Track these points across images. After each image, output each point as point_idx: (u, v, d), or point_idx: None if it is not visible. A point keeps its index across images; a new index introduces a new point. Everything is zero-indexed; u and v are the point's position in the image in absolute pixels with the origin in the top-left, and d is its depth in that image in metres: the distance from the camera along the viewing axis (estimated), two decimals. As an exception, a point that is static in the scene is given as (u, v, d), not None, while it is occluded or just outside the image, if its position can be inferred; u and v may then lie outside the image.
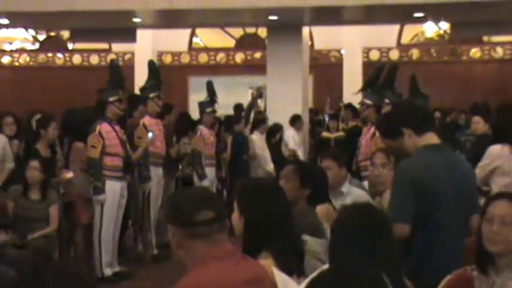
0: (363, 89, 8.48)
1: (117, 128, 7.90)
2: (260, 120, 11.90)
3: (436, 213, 3.82)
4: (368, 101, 8.07)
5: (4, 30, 17.22)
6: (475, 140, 8.09)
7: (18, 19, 11.88)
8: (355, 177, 6.40)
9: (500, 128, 6.12)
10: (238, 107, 13.73)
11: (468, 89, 16.69)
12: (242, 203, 3.20)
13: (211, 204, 2.72)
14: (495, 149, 5.94)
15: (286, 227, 3.22)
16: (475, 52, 17.59)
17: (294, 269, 3.15)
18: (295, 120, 12.44)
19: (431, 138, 3.99)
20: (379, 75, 8.49)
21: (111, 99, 7.81)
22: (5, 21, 11.96)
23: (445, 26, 16.24)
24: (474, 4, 9.93)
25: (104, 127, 7.75)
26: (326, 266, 2.89)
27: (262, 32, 16.42)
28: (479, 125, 7.88)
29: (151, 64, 9.24)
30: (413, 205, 3.79)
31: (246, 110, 12.85)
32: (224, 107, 12.28)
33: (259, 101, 14.01)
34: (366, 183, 6.41)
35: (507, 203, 3.10)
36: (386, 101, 8.11)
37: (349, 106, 13.66)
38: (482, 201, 3.98)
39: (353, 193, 5.18)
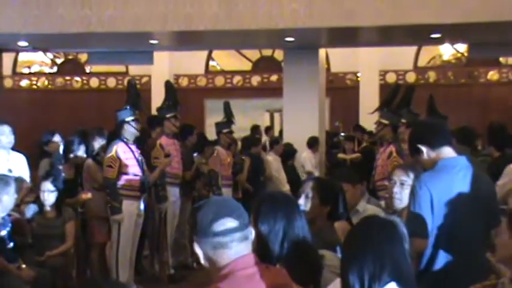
0: (380, 109, 8.49)
1: (134, 147, 7.92)
2: (274, 140, 11.91)
3: (454, 227, 3.78)
4: (384, 121, 8.05)
5: (23, 53, 17.44)
6: (492, 160, 8.07)
7: (37, 41, 11.97)
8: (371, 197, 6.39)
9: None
10: (255, 129, 13.75)
11: (486, 112, 16.61)
12: (252, 214, 3.19)
13: (231, 213, 2.67)
14: (514, 167, 5.91)
15: (296, 238, 3.18)
16: (492, 75, 17.51)
17: (309, 281, 3.11)
18: (312, 143, 12.44)
19: (448, 152, 3.98)
20: (395, 95, 8.49)
21: (127, 118, 7.84)
22: (25, 43, 12.08)
23: (462, 48, 16.22)
24: (491, 24, 9.90)
25: (120, 147, 7.78)
26: None
27: (279, 55, 16.47)
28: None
29: (168, 84, 9.27)
30: (431, 219, 3.77)
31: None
32: (240, 130, 12.30)
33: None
34: (383, 203, 6.39)
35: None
36: (403, 120, 8.11)
37: (358, 127, 13.81)
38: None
39: (369, 210, 5.18)
